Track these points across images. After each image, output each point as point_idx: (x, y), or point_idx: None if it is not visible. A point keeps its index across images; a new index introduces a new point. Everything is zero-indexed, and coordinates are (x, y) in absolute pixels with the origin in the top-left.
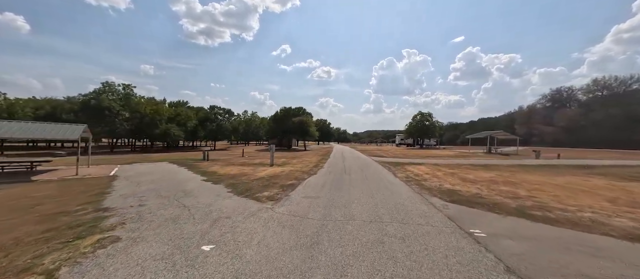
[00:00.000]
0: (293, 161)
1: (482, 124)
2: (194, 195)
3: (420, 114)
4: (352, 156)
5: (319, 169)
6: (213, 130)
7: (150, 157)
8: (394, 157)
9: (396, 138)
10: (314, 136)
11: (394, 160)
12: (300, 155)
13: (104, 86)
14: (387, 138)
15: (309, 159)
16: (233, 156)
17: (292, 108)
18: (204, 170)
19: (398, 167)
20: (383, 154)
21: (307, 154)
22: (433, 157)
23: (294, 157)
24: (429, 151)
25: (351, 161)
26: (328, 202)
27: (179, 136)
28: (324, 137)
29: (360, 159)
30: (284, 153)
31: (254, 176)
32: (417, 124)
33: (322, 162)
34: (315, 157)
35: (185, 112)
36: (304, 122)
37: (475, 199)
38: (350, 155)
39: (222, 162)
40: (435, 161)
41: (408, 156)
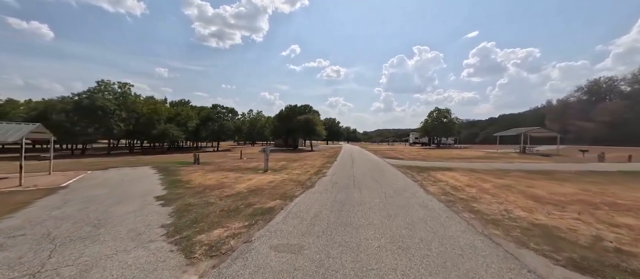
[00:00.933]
0: (293, 164)
1: (503, 121)
2: (111, 226)
3: (437, 110)
4: (363, 158)
5: (319, 178)
6: (215, 130)
7: (139, 160)
8: (412, 160)
9: (410, 137)
10: (321, 135)
11: (414, 163)
12: (303, 157)
13: (99, 84)
14: (398, 137)
15: (312, 163)
16: (230, 158)
17: (298, 106)
18: (178, 179)
19: (424, 175)
20: (398, 155)
21: (312, 155)
22: (459, 158)
23: (296, 160)
24: (450, 151)
25: (361, 166)
26: (317, 264)
27: (179, 136)
28: (332, 136)
29: (372, 162)
30: (287, 155)
31: (231, 189)
32: (433, 121)
33: (325, 167)
34: (319, 160)
35: (185, 111)
36: (310, 120)
37: (605, 255)
38: (360, 157)
39: (210, 167)
40: (467, 165)
41: (429, 157)
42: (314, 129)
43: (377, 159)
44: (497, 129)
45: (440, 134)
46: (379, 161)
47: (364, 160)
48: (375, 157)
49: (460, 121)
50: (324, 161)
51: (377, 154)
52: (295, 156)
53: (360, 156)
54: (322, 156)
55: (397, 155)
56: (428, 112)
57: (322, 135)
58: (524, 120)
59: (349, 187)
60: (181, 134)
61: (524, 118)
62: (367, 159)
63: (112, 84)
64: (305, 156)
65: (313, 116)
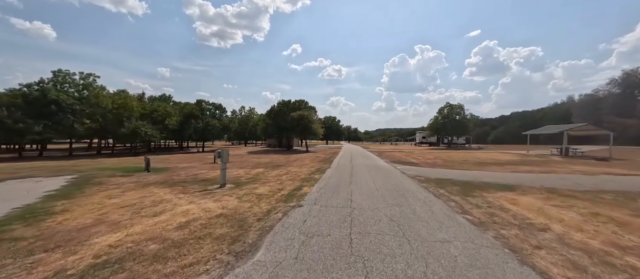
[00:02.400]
0: (271, 173)
1: (516, 119)
2: None
3: (448, 106)
4: (366, 165)
5: (290, 209)
6: (199, 128)
7: (69, 167)
8: (432, 166)
9: (416, 136)
10: (317, 135)
11: (441, 174)
12: (293, 160)
13: (56, 74)
14: (401, 136)
15: (297, 171)
16: (200, 162)
17: (292, 101)
18: (46, 207)
19: (481, 205)
20: (410, 159)
21: (303, 158)
22: (492, 164)
23: (280, 165)
24: (470, 154)
25: (364, 178)
26: None
27: (153, 136)
28: (333, 136)
29: (379, 171)
30: (275, 157)
31: (81, 247)
32: (443, 118)
33: (312, 179)
34: (307, 166)
35: (162, 107)
36: (304, 117)
37: None
38: (362, 162)
39: (154, 178)
40: (527, 179)
41: (451, 162)
42: (309, 127)
43: (386, 166)
44: (510, 128)
45: (451, 133)
46: (389, 168)
47: (367, 167)
48: (381, 161)
49: (475, 118)
50: (314, 167)
51: (383, 156)
52: (283, 159)
53: (363, 160)
54: (315, 160)
55: (408, 158)
56: (436, 109)
57: (319, 134)
58: (545, 117)
59: (340, 251)
60: (156, 133)
61: (545, 115)
62: (371, 165)
63: (72, 74)
64: (295, 159)
65: (308, 113)
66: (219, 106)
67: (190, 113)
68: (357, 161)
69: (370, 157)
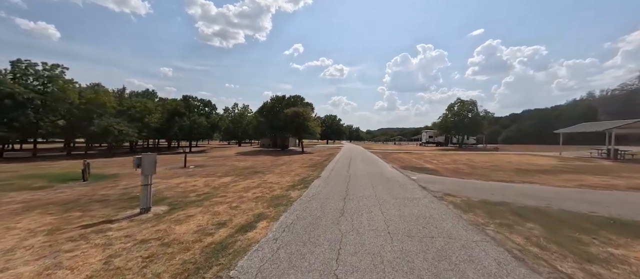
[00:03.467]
0: (236, 187)
1: (530, 117)
2: None
3: (459, 102)
4: (368, 172)
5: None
6: (185, 127)
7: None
8: (457, 175)
9: (422, 135)
10: (314, 134)
11: (475, 188)
12: (280, 163)
13: (15, 65)
14: (404, 136)
15: (277, 180)
16: (165, 166)
17: (286, 97)
18: None
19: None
20: (423, 163)
21: (293, 162)
22: (537, 171)
23: (257, 172)
24: (492, 156)
25: (367, 196)
26: None
27: (128, 134)
28: (334, 135)
29: (388, 184)
30: (262, 158)
31: None
32: (453, 116)
33: (286, 199)
34: (290, 176)
35: (141, 104)
36: (298, 114)
37: None
38: (363, 168)
39: (82, 190)
40: (635, 204)
41: (478, 168)
42: (305, 126)
43: (396, 175)
44: (523, 127)
45: (463, 131)
46: (400, 179)
47: (370, 177)
48: (388, 167)
49: (490, 115)
50: (300, 175)
51: (389, 159)
52: (269, 163)
53: (365, 166)
54: (305, 165)
55: (420, 162)
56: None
57: (316, 133)
58: (563, 115)
59: None
60: (133, 131)
61: (563, 113)
62: (375, 174)
63: (34, 65)
64: (284, 162)
65: (304, 109)
66: (207, 102)
67: (174, 110)
68: (358, 168)
69: (374, 161)
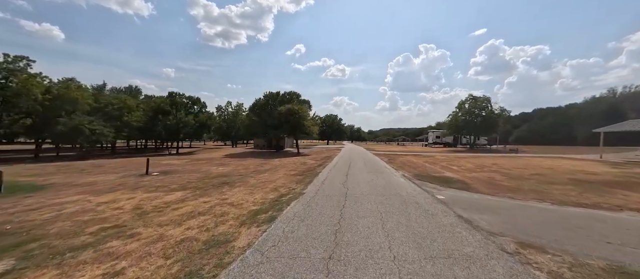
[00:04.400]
0: (169, 214)
1: (543, 116)
2: None
3: (471, 99)
4: (373, 185)
5: None
6: (170, 126)
7: None
8: (498, 191)
9: (428, 136)
10: (311, 133)
11: (547, 220)
12: (261, 172)
13: None
14: (406, 135)
15: (238, 202)
16: (114, 174)
17: (281, 93)
18: None
19: None
20: (440, 170)
21: (278, 168)
22: (605, 184)
23: (226, 184)
24: (518, 160)
25: (373, 244)
26: None
27: (103, 134)
28: (335, 135)
29: (405, 206)
30: (243, 164)
31: None
32: (465, 114)
33: (225, 250)
34: (263, 192)
35: (119, 100)
36: (292, 112)
37: None
38: (366, 179)
39: None
40: None
41: (518, 179)
42: (301, 125)
43: (414, 192)
44: (536, 126)
45: (475, 131)
46: (423, 200)
47: (377, 193)
48: (398, 177)
49: (506, 113)
50: (279, 191)
51: (396, 164)
52: (253, 167)
53: (367, 176)
54: (293, 172)
55: (436, 168)
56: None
57: (313, 133)
58: (581, 113)
59: None
60: (109, 131)
61: (581, 112)
62: (384, 187)
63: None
64: (269, 168)
65: (299, 107)
66: (196, 100)
67: (158, 108)
68: (358, 178)
69: (379, 168)
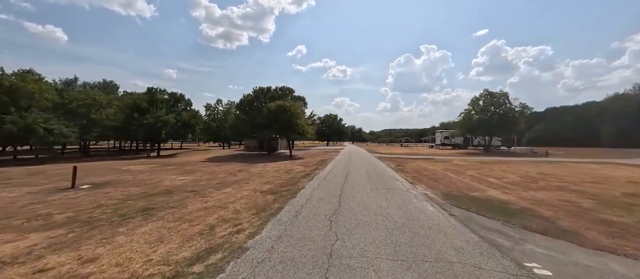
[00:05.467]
0: None
1: (561, 114)
2: None
3: (486, 95)
4: (383, 219)
5: None
6: (148, 125)
7: None
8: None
9: (436, 136)
10: (305, 133)
11: None
12: (230, 182)
13: None
14: (409, 136)
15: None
16: (61, 182)
17: (272, 88)
18: None
19: None
20: (469, 182)
21: (258, 176)
22: None
23: (154, 210)
24: (568, 167)
25: None
26: None
27: (64, 134)
28: (335, 136)
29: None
30: (225, 168)
31: None
32: (480, 112)
33: None
34: (199, 226)
35: (86, 96)
36: (284, 109)
37: None
38: (369, 200)
39: None
40: None
41: (591, 194)
42: (293, 124)
43: (462, 244)
44: (552, 126)
45: (492, 131)
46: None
47: (393, 243)
48: (420, 197)
49: (528, 110)
50: (206, 238)
51: (409, 173)
52: (223, 176)
53: (374, 195)
54: (268, 186)
55: (467, 182)
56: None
57: (308, 133)
58: (602, 113)
59: None
60: (71, 131)
61: (604, 111)
62: (402, 230)
63: None
64: (242, 178)
65: (291, 103)
66: (180, 97)
67: (134, 105)
68: (357, 201)
69: (387, 180)
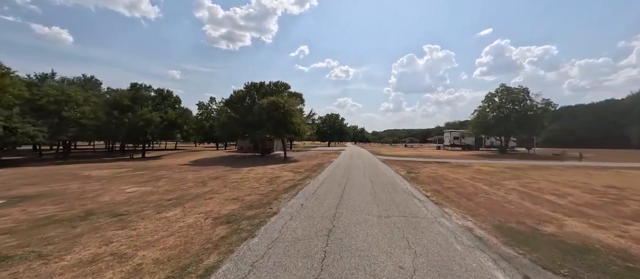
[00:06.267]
0: None
1: (577, 113)
2: None
3: (503, 90)
4: None
5: None
6: (129, 124)
7: None
8: None
9: (444, 136)
10: (301, 133)
11: None
12: (190, 197)
13: None
14: (413, 136)
15: None
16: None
17: (266, 83)
18: None
19: None
20: (528, 204)
21: (232, 188)
22: None
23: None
24: (623, 178)
25: None
26: None
27: (28, 134)
28: (336, 136)
29: None
30: (204, 173)
31: None
32: (498, 108)
33: None
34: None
35: (60, 91)
36: (277, 106)
37: None
38: (383, 262)
39: None
40: None
41: None
42: (287, 123)
43: None
44: (568, 125)
45: (511, 131)
46: None
47: None
48: (496, 274)
49: (552, 107)
50: None
51: (426, 185)
52: (191, 184)
53: (391, 242)
54: (223, 211)
55: (519, 201)
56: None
57: (304, 132)
58: (630, 110)
59: None
60: (39, 129)
61: (633, 110)
62: None
63: None
64: (206, 190)
65: (285, 99)
66: (167, 94)
67: (114, 102)
68: (358, 247)
69: (402, 201)
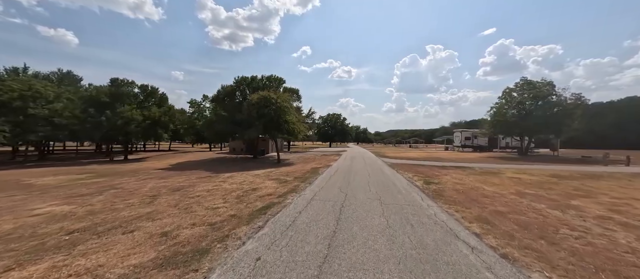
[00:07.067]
0: None
1: (594, 111)
2: None
3: (525, 83)
4: None
5: None
6: (110, 122)
7: None
8: None
9: (454, 136)
10: (297, 133)
11: None
12: (105, 227)
13: None
14: (417, 137)
15: None
16: None
17: (258, 78)
18: None
19: None
20: None
21: (164, 214)
22: None
23: None
24: None
25: None
26: None
27: None
28: (338, 136)
29: None
30: (170, 180)
31: None
32: (513, 108)
33: None
34: None
35: (27, 85)
36: (269, 102)
37: None
38: None
39: None
40: None
41: None
42: (279, 121)
43: None
44: (590, 125)
45: (533, 130)
46: None
47: None
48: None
49: (585, 101)
50: None
51: (473, 218)
52: (142, 198)
53: None
54: (129, 258)
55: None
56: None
57: (300, 132)
58: None
59: None
60: (1, 130)
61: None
62: None
63: None
64: (133, 217)
65: (278, 94)
66: (152, 91)
67: (90, 99)
68: None
69: (446, 255)
